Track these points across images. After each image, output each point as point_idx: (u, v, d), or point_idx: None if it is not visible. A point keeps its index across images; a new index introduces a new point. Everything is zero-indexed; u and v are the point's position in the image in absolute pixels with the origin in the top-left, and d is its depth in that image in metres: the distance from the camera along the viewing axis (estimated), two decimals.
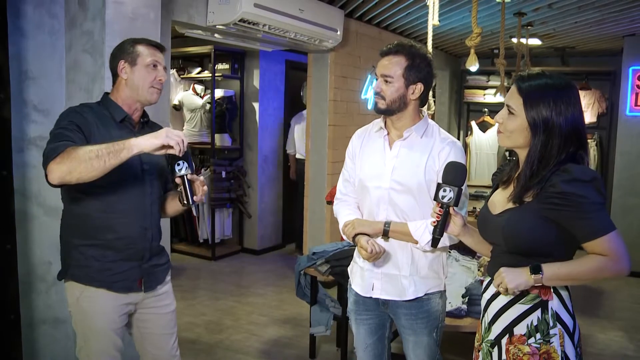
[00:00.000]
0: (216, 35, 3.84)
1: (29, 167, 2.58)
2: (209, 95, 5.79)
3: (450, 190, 1.58)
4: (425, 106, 2.05)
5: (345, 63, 4.78)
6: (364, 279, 2.02)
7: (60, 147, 1.67)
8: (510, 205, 1.50)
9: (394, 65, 1.88)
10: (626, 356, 3.59)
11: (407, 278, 1.94)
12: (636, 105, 5.45)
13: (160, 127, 2.07)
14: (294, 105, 6.23)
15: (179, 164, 1.80)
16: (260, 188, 5.92)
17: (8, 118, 2.39)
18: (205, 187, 1.90)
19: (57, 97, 2.64)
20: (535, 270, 1.42)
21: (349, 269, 2.15)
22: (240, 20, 3.40)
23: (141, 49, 1.89)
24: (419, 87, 1.90)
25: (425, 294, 1.95)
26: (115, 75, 1.92)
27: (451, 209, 1.60)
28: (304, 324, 3.87)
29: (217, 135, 5.73)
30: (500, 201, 1.57)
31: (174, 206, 2.05)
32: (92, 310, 1.87)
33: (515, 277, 1.44)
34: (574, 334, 1.48)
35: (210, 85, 5.69)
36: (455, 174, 1.61)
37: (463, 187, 1.65)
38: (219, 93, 5.76)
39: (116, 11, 2.50)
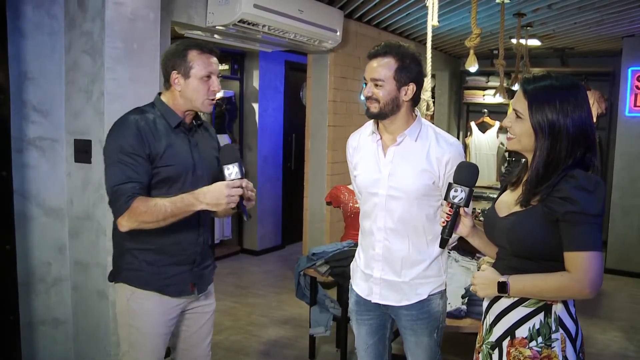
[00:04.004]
0: (216, 36, 3.84)
1: (28, 168, 2.58)
2: None
3: (461, 191, 1.55)
4: (424, 106, 2.03)
5: (344, 64, 4.78)
6: (364, 281, 2.01)
7: (124, 199, 1.71)
8: (517, 208, 1.49)
9: (384, 68, 1.85)
10: (626, 357, 3.58)
11: (407, 284, 1.93)
12: (635, 105, 5.45)
13: (211, 127, 2.10)
14: (293, 106, 6.23)
15: (228, 168, 1.76)
16: (259, 189, 5.91)
17: (7, 118, 2.39)
18: (253, 193, 1.85)
19: (57, 97, 2.64)
20: (502, 289, 1.47)
21: (351, 266, 2.14)
22: (239, 21, 3.40)
23: (194, 58, 1.82)
24: (411, 88, 1.87)
25: (427, 295, 1.95)
26: (167, 82, 1.87)
27: (461, 209, 1.58)
28: (303, 325, 3.86)
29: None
30: (507, 203, 1.55)
31: (226, 209, 1.96)
32: (142, 312, 1.86)
33: (485, 289, 1.52)
34: (577, 340, 1.47)
35: None
36: (468, 174, 1.58)
37: None
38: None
39: (116, 12, 2.50)
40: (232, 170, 1.76)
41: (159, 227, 1.74)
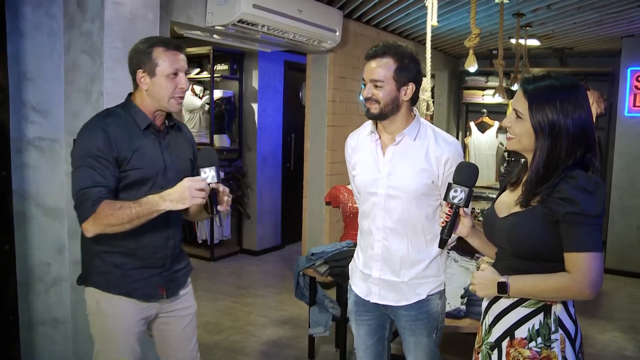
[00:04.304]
0: (215, 36, 3.84)
1: (28, 168, 2.57)
2: (207, 96, 5.79)
3: (461, 191, 1.55)
4: (424, 106, 2.03)
5: (344, 64, 4.78)
6: (363, 281, 2.01)
7: (89, 203, 1.68)
8: (517, 208, 1.49)
9: (383, 69, 1.85)
10: (625, 356, 3.59)
11: (406, 284, 1.93)
12: (634, 106, 5.46)
13: (186, 128, 2.06)
14: (292, 106, 6.23)
15: (205, 172, 1.73)
16: (259, 189, 5.92)
17: (6, 119, 2.39)
18: (229, 198, 1.83)
19: (56, 97, 2.64)
20: (502, 289, 1.47)
21: (350, 266, 2.14)
22: (239, 21, 3.40)
23: (160, 55, 1.78)
24: (410, 88, 1.87)
25: (426, 295, 1.95)
26: (135, 82, 1.85)
27: (461, 210, 1.58)
28: (303, 325, 3.87)
29: (216, 136, 5.73)
30: (507, 204, 1.55)
31: (197, 211, 1.96)
32: (113, 313, 1.84)
33: (484, 289, 1.52)
34: (576, 340, 1.47)
35: (209, 86, 5.69)
36: (467, 174, 1.57)
37: None
38: (217, 94, 5.76)
39: (115, 12, 2.50)
40: (208, 174, 1.72)
41: (126, 230, 1.71)
